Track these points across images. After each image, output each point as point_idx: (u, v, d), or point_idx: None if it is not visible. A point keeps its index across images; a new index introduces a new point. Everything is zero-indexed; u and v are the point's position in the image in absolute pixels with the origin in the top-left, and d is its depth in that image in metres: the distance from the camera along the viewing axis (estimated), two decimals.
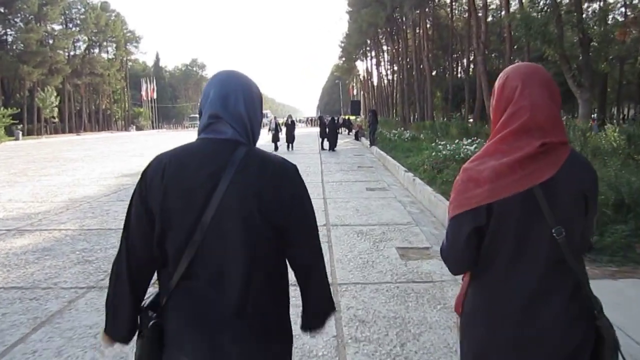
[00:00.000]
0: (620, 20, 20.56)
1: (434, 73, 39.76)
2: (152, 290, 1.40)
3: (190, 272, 1.24)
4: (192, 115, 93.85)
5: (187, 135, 48.42)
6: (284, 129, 23.87)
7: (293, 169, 1.37)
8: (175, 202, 1.24)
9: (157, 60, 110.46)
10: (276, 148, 21.11)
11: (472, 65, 35.49)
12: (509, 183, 1.26)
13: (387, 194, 9.30)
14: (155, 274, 1.37)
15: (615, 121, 29.03)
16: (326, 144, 21.61)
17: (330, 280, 2.06)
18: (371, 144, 21.39)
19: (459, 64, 43.97)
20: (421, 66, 40.04)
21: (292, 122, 22.65)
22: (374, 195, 9.05)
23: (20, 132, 40.32)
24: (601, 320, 1.32)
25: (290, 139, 21.82)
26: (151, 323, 1.28)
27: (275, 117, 24.29)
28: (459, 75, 43.83)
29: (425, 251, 5.39)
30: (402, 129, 26.95)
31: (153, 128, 79.90)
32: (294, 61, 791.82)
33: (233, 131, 1.31)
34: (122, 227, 1.35)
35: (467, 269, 1.42)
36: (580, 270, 1.31)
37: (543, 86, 1.32)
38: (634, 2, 24.73)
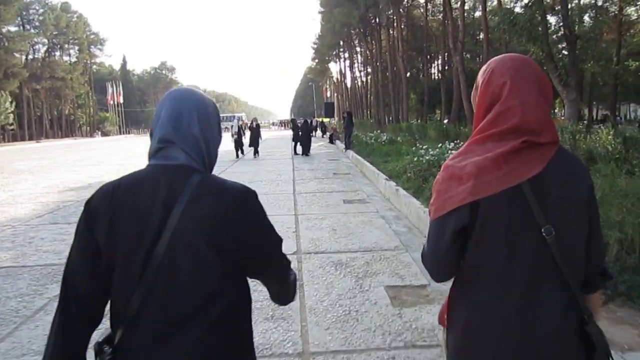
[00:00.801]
0: (606, 17, 20.08)
1: (408, 74, 39.04)
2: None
3: (139, 317, 1.13)
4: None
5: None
6: (247, 134, 22.03)
7: (252, 197, 1.23)
8: (122, 237, 1.13)
9: (124, 63, 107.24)
10: (238, 155, 19.48)
11: (447, 66, 34.89)
12: (494, 179, 1.18)
13: (368, 207, 8.15)
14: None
15: (585, 122, 28.83)
16: (299, 148, 20.41)
17: (300, 347, 1.80)
18: (347, 148, 20.31)
19: (433, 65, 43.53)
20: (395, 68, 39.34)
21: (257, 125, 20.71)
22: (352, 210, 7.88)
23: None
24: (591, 326, 1.25)
25: (255, 143, 19.80)
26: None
27: (239, 119, 22.57)
28: (434, 76, 43.39)
29: (423, 291, 4.23)
30: (379, 131, 25.96)
31: (120, 133, 77.29)
32: (268, 63, 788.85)
33: (186, 156, 1.19)
34: (41, 263, 1.06)
35: (450, 275, 1.32)
36: (571, 274, 1.22)
37: (533, 82, 1.24)
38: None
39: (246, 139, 20.94)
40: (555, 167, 1.21)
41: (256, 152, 19.68)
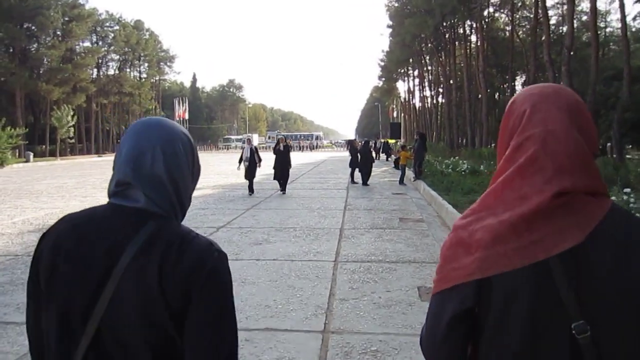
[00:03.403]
0: None
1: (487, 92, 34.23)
2: None
3: None
4: (226, 137, 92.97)
5: (217, 157, 46.49)
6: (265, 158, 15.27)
7: (219, 261, 1.00)
8: (62, 285, 0.99)
9: (194, 80, 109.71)
10: (251, 190, 13.34)
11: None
12: (511, 251, 0.88)
13: None
14: None
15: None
16: (358, 175, 16.70)
17: None
18: (416, 177, 16.32)
19: (514, 84, 38.27)
20: (472, 84, 34.78)
21: (286, 147, 14.34)
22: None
23: (32, 154, 37.58)
24: None
25: (283, 176, 13.75)
26: None
27: (248, 141, 14.44)
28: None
29: None
30: (456, 158, 21.63)
31: None
32: (334, 81, 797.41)
33: (147, 199, 1.02)
34: None
35: None
36: None
37: (562, 109, 0.94)
38: None
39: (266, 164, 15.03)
40: (604, 237, 0.88)
41: (283, 188, 13.79)
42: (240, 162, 13.85)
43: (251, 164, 13.52)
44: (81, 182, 18.29)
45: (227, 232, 7.87)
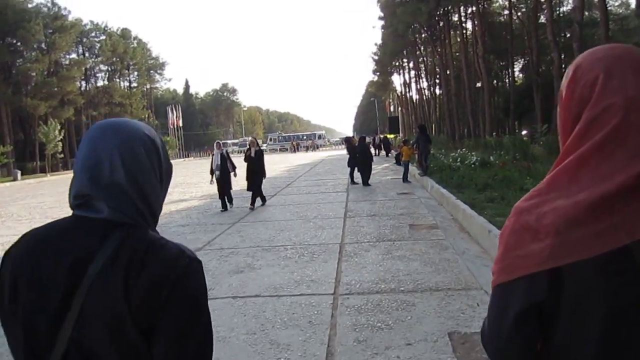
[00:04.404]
0: None
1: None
2: None
3: None
4: (223, 142, 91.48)
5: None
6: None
7: (192, 267, 0.94)
8: (26, 305, 0.93)
9: (187, 87, 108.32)
10: (225, 207, 11.09)
11: (540, 68, 28.41)
12: (589, 237, 0.77)
13: None
14: None
15: None
16: (358, 175, 15.35)
17: None
18: (423, 173, 14.95)
19: (510, 70, 36.86)
20: (470, 72, 33.40)
21: (258, 152, 11.53)
22: None
23: (19, 172, 36.22)
24: None
25: (255, 187, 11.22)
26: None
27: (220, 145, 12.10)
28: (516, 80, 36.86)
29: None
30: (464, 150, 20.23)
31: (180, 157, 76.57)
32: (329, 80, 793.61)
33: (110, 210, 0.95)
34: None
35: None
36: None
37: None
38: None
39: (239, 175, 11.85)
40: None
41: (258, 199, 11.41)
42: (212, 173, 11.40)
43: (223, 173, 11.12)
44: (60, 201, 16.94)
45: (205, 256, 6.50)
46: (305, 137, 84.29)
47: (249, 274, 5.53)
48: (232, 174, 11.26)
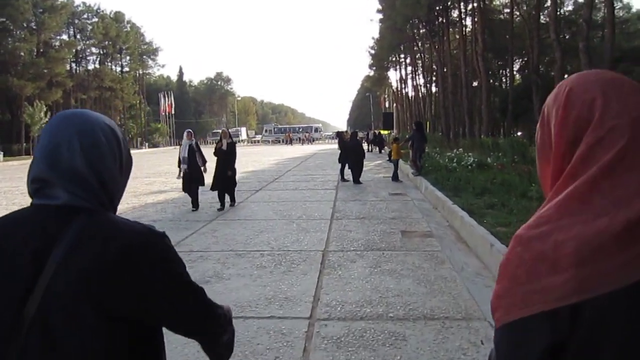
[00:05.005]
0: None
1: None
2: None
3: None
4: (215, 131, 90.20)
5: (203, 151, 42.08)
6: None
7: (154, 241, 0.95)
8: None
9: (181, 74, 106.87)
10: (194, 204, 9.77)
11: (541, 69, 27.74)
12: (613, 267, 0.71)
13: None
14: None
15: None
16: (348, 172, 14.63)
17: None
18: (417, 172, 14.27)
19: (509, 69, 36.21)
20: (468, 69, 32.71)
21: (230, 145, 10.06)
22: None
23: (2, 153, 35.15)
24: None
25: (224, 184, 9.89)
26: None
27: (190, 134, 10.10)
28: (514, 81, 36.23)
29: None
30: (460, 150, 19.55)
31: (171, 144, 75.50)
32: (324, 73, 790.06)
33: (69, 195, 0.95)
34: None
35: None
36: None
37: (637, 93, 0.81)
38: None
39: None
40: None
41: (222, 203, 9.85)
42: (179, 165, 9.83)
43: (192, 168, 9.60)
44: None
45: None
46: (301, 130, 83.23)
47: (215, 286, 4.79)
48: (202, 168, 9.85)
